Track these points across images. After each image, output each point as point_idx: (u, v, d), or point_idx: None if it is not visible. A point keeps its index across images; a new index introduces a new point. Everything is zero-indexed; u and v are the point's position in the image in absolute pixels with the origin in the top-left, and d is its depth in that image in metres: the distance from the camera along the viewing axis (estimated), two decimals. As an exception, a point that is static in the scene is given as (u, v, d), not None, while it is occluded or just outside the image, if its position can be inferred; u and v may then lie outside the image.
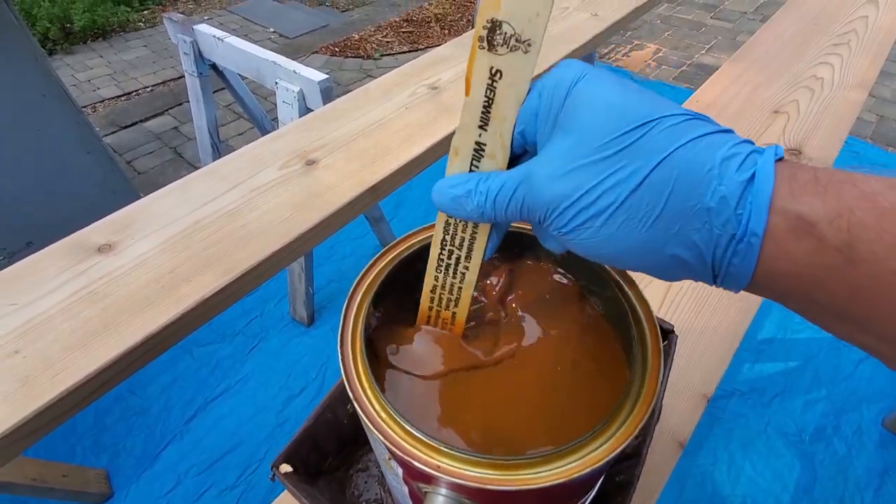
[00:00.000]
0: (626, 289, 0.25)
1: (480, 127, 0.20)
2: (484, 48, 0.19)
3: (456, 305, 0.26)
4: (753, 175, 0.17)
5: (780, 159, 0.17)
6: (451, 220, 0.23)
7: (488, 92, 0.20)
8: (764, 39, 0.81)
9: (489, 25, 0.18)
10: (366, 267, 0.25)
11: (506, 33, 0.18)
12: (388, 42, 2.74)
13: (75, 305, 0.41)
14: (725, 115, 0.64)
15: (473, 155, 0.21)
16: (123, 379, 0.40)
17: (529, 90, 0.20)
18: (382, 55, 2.60)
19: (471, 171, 0.22)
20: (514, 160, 0.22)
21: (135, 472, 1.03)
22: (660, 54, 2.54)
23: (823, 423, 1.13)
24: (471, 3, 3.16)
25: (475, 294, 0.27)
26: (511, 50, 0.19)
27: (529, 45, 0.19)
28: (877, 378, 1.20)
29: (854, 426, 1.13)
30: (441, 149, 0.59)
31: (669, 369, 0.28)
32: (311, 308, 1.27)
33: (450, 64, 0.73)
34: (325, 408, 0.27)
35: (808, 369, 1.22)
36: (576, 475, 0.16)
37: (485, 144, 0.21)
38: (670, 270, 0.19)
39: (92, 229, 0.47)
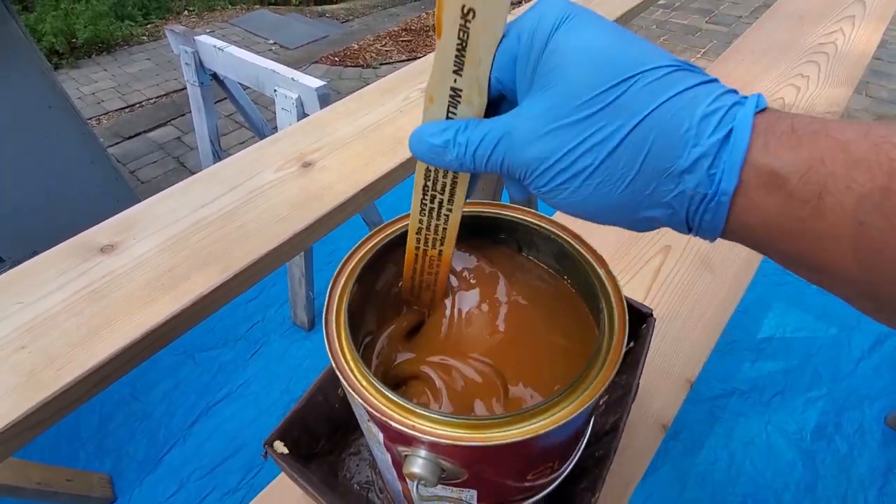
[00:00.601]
0: (597, 268, 0.26)
1: (455, 72, 0.19)
2: None
3: (442, 244, 0.26)
4: (730, 132, 0.16)
5: (762, 110, 0.17)
6: (432, 167, 0.23)
7: (461, 34, 0.18)
8: (751, 40, 0.83)
9: None
10: (353, 248, 0.27)
11: None
12: (387, 51, 2.78)
13: (78, 303, 0.43)
14: (712, 113, 0.66)
15: (450, 101, 0.20)
16: (124, 374, 0.42)
17: (507, 31, 0.19)
18: (381, 64, 2.64)
19: (448, 117, 0.21)
20: (491, 105, 0.21)
21: (138, 476, 1.04)
22: (656, 59, 2.57)
23: (825, 421, 1.13)
24: (468, 11, 3.20)
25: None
26: None
27: None
28: (879, 375, 1.20)
29: (856, 424, 1.12)
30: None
31: (647, 351, 0.29)
32: (312, 313, 1.28)
33: (443, 69, 0.75)
34: (315, 390, 0.28)
35: (808, 367, 1.22)
36: (541, 432, 0.18)
37: (460, 90, 0.20)
38: (645, 226, 0.19)
39: (96, 230, 0.49)
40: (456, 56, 0.19)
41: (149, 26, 3.14)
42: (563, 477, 0.25)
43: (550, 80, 0.18)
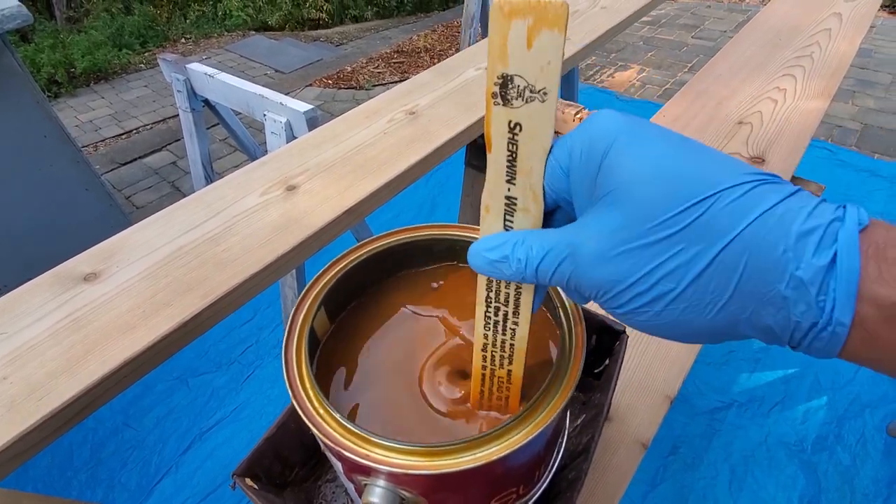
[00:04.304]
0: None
1: (508, 181, 0.20)
2: (499, 104, 0.18)
3: (511, 363, 0.24)
4: (835, 255, 0.15)
5: (865, 227, 0.15)
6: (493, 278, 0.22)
7: (510, 146, 0.19)
8: (730, 54, 0.85)
9: (500, 81, 0.18)
10: (317, 274, 0.27)
11: (519, 86, 0.18)
12: (379, 73, 2.83)
13: (60, 332, 0.43)
14: (692, 127, 0.67)
15: (506, 210, 0.20)
16: (105, 402, 0.41)
17: (556, 143, 0.19)
18: (374, 85, 2.68)
19: (505, 227, 0.21)
20: (548, 215, 0.21)
21: (130, 506, 1.03)
22: (644, 74, 2.61)
23: (825, 431, 1.11)
24: (457, 33, 3.27)
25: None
26: (527, 101, 0.18)
27: (545, 93, 0.17)
28: (878, 383, 1.19)
29: (857, 434, 1.11)
30: (416, 171, 0.61)
31: (620, 369, 0.29)
32: (306, 334, 1.28)
33: (428, 90, 0.76)
34: (287, 417, 0.28)
35: (807, 376, 1.21)
36: (495, 458, 0.18)
37: (515, 198, 0.20)
38: (735, 340, 0.18)
39: (79, 259, 0.49)
40: (507, 166, 0.19)
41: (146, 54, 3.20)
42: (532, 501, 0.25)
43: (617, 198, 0.17)
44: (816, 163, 1.86)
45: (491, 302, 0.23)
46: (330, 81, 2.73)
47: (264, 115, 0.96)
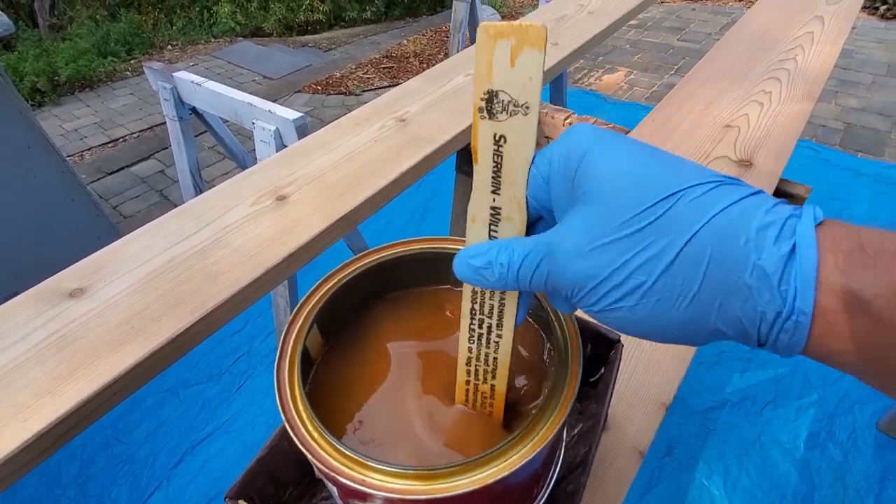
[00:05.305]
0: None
1: (493, 192, 0.21)
2: (485, 117, 0.19)
3: (493, 377, 0.24)
4: (794, 247, 0.16)
5: (820, 223, 0.16)
6: (478, 289, 0.23)
7: (495, 157, 0.20)
8: (715, 58, 0.85)
9: (486, 96, 0.19)
10: (309, 291, 0.26)
11: (503, 101, 0.19)
12: (368, 78, 2.83)
13: (45, 351, 0.42)
14: (680, 131, 0.67)
15: (491, 220, 0.21)
16: (94, 421, 0.40)
17: (537, 154, 0.20)
18: (364, 91, 2.68)
19: (490, 236, 0.22)
20: (531, 226, 0.22)
21: (120, 523, 1.01)
22: (631, 76, 2.64)
23: (817, 428, 1.12)
24: (446, 38, 3.28)
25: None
26: (511, 115, 0.19)
27: (528, 107, 0.19)
28: (867, 380, 1.20)
29: (848, 430, 1.12)
30: (408, 178, 0.61)
31: (615, 378, 0.29)
32: (299, 342, 1.27)
33: (418, 96, 0.76)
34: (280, 437, 0.27)
35: (797, 374, 1.22)
36: (492, 481, 0.17)
37: (500, 208, 0.21)
38: (711, 341, 0.18)
39: (64, 274, 0.48)
40: (493, 177, 0.21)
41: (132, 61, 3.17)
42: (531, 516, 0.25)
43: (590, 199, 0.18)
44: (802, 162, 1.88)
45: (475, 314, 0.23)
46: (319, 87, 2.72)
47: (253, 123, 0.95)
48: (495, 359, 0.24)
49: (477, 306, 0.23)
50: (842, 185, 1.78)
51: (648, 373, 0.41)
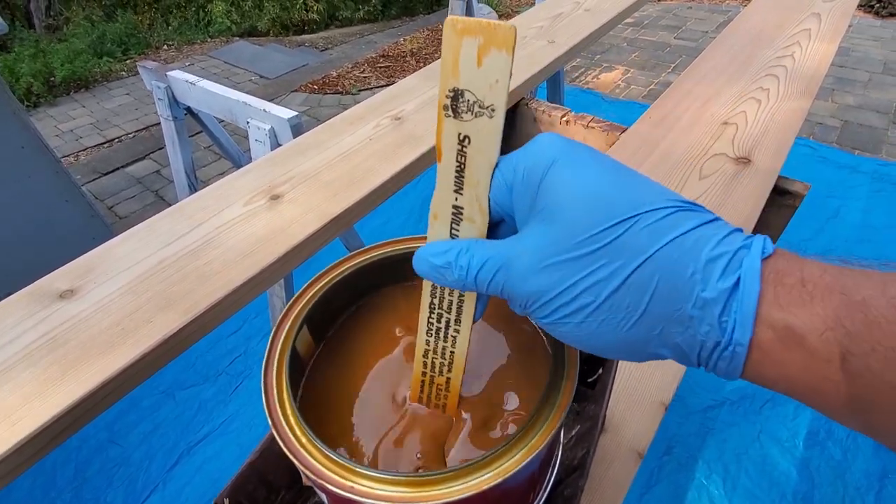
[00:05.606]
0: None
1: (456, 191, 0.21)
2: (450, 116, 0.19)
3: (450, 371, 0.25)
4: (738, 280, 0.16)
5: (769, 256, 0.17)
6: (438, 285, 0.23)
7: (459, 157, 0.20)
8: (712, 56, 0.85)
9: (451, 94, 0.19)
10: (297, 293, 0.26)
11: (468, 101, 0.19)
12: (365, 77, 2.82)
13: (35, 353, 0.41)
14: (678, 128, 0.67)
15: (452, 218, 0.21)
16: (86, 423, 0.40)
17: (503, 160, 0.20)
18: (360, 90, 2.67)
19: (451, 234, 0.22)
20: (493, 226, 0.22)
21: (116, 526, 1.00)
22: (628, 75, 2.64)
23: (816, 426, 1.12)
24: (441, 37, 3.27)
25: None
26: (476, 116, 0.19)
27: (493, 110, 0.19)
28: (865, 377, 1.20)
29: (847, 428, 1.12)
30: (404, 177, 0.60)
31: (614, 379, 0.29)
32: (296, 343, 1.26)
33: (414, 95, 0.76)
34: (271, 441, 0.27)
35: (796, 373, 1.22)
36: (486, 487, 0.17)
37: (462, 208, 0.21)
38: (653, 359, 0.19)
39: (55, 275, 0.47)
40: (456, 176, 0.20)
41: (128, 61, 3.15)
42: (528, 521, 0.24)
43: (549, 216, 0.18)
44: (799, 160, 1.88)
45: (434, 308, 0.23)
46: (315, 87, 2.71)
47: (247, 122, 0.94)
48: (452, 353, 0.24)
49: (436, 301, 0.23)
50: (839, 183, 1.78)
51: (647, 372, 0.41)
